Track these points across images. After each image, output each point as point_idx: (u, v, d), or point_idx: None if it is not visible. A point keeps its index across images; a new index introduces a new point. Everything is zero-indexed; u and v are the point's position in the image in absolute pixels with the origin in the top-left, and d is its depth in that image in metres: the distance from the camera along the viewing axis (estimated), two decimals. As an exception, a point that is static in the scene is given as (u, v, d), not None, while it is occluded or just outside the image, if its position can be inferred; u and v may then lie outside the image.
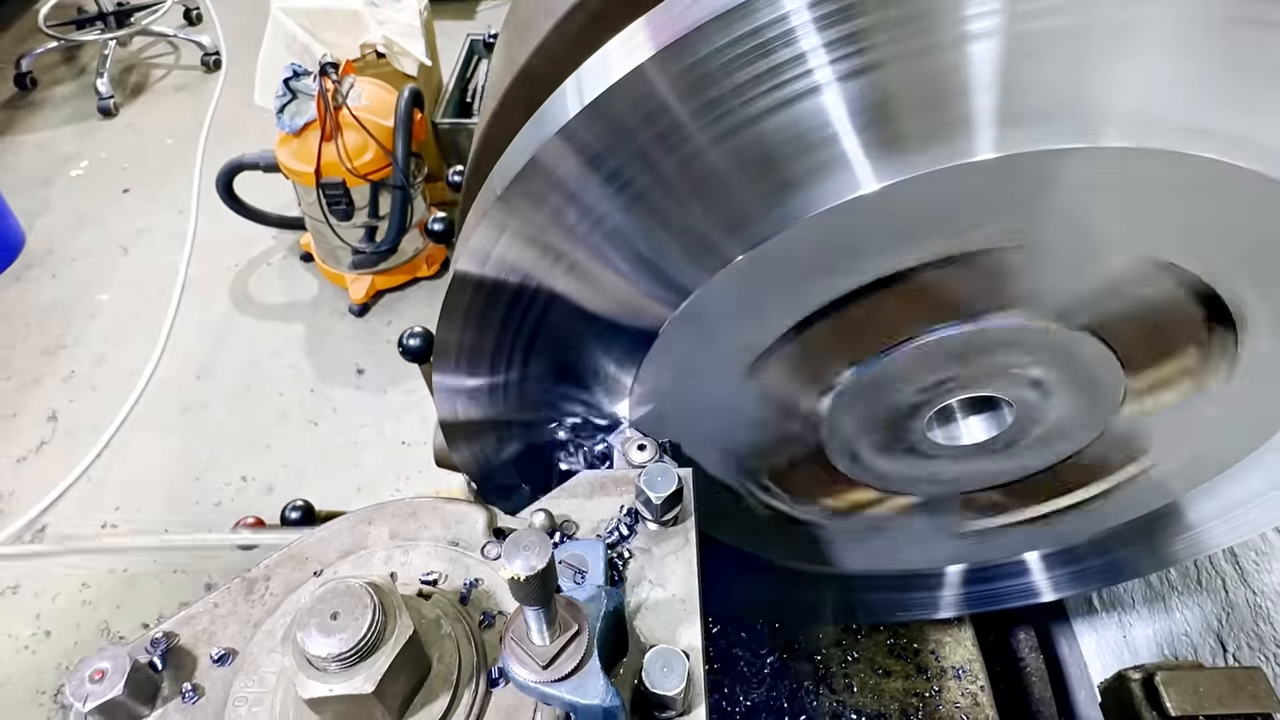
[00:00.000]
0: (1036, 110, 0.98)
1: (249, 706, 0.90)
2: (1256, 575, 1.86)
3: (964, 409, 1.48)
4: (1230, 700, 1.61)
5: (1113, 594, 2.35)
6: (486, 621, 0.96)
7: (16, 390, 3.81)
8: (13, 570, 3.22)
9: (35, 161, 4.94)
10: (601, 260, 1.12)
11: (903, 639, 2.25)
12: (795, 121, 0.98)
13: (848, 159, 1.01)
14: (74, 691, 0.85)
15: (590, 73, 1.00)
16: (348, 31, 3.91)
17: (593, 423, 1.37)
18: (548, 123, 1.02)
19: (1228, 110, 0.97)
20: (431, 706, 0.87)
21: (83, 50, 5.69)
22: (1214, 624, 1.99)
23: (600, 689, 0.82)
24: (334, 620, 0.80)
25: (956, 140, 0.99)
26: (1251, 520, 1.61)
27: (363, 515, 1.05)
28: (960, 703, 2.13)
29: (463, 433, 1.45)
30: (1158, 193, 1.05)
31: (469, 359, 1.28)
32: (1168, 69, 0.95)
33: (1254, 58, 0.93)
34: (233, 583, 1.00)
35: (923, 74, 0.95)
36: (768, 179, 1.03)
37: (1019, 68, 0.94)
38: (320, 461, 3.51)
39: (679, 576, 1.01)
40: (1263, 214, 1.06)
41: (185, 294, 4.18)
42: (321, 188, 3.52)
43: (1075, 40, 0.93)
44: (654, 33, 0.94)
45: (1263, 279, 1.16)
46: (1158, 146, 0.98)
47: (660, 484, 1.04)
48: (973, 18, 0.90)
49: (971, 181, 1.01)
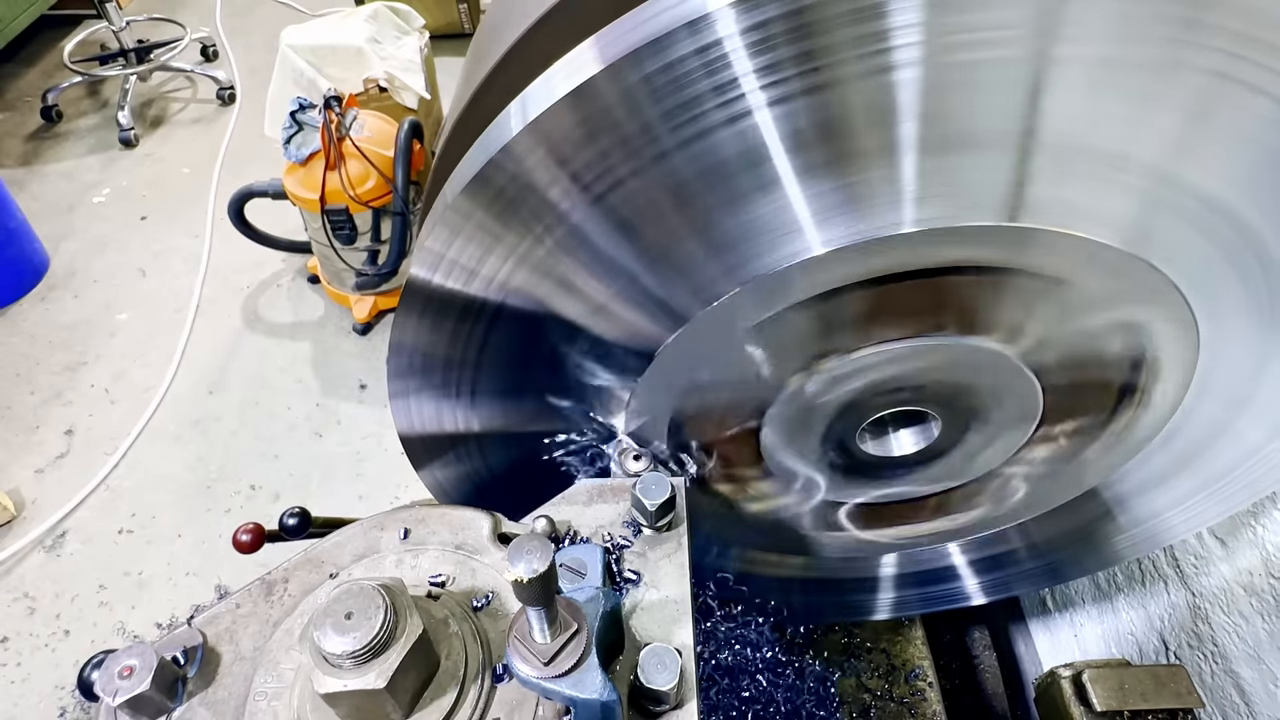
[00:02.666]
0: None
1: (268, 701, 0.90)
2: (1195, 578, 1.87)
3: (896, 422, 1.48)
4: (1154, 696, 1.62)
5: (1065, 595, 2.37)
6: (482, 604, 0.96)
7: (40, 404, 3.76)
8: (34, 572, 3.18)
9: (60, 189, 4.91)
10: (542, 272, 1.12)
11: (856, 638, 2.26)
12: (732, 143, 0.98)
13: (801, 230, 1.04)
14: (104, 687, 0.84)
15: (533, 94, 1.00)
16: (352, 67, 3.92)
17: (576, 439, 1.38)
18: (492, 141, 1.03)
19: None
20: (440, 701, 0.87)
21: (105, 85, 5.66)
22: (1157, 624, 2.00)
23: (598, 684, 0.82)
24: (348, 620, 0.80)
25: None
26: (1173, 527, 1.63)
27: (375, 521, 1.05)
28: (908, 699, 2.15)
29: (422, 447, 1.44)
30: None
31: (423, 364, 1.27)
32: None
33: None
34: (253, 584, 1.00)
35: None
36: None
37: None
38: (325, 471, 3.48)
39: (672, 579, 1.02)
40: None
41: (199, 314, 4.15)
42: (326, 214, 3.51)
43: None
44: (601, 51, 0.94)
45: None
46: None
47: (654, 492, 1.04)
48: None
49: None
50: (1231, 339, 1.21)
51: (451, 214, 1.08)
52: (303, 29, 4.00)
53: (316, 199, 3.45)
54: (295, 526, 1.36)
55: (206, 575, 3.15)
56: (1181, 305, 1.15)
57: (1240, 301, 1.15)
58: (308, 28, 4.02)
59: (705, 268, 1.11)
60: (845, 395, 1.31)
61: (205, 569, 3.17)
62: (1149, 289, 1.13)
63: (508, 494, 1.47)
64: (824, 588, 1.85)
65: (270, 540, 1.37)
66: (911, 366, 1.26)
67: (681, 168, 1.00)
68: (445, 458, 1.45)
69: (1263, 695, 1.69)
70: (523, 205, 1.06)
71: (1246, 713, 1.73)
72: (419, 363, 1.27)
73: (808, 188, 1.02)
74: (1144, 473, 1.50)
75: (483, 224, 1.08)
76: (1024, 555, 1.79)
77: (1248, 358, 1.23)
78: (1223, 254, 1.09)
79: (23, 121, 5.42)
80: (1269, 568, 1.66)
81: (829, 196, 1.03)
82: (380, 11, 4.11)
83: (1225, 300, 1.15)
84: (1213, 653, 1.82)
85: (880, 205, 1.04)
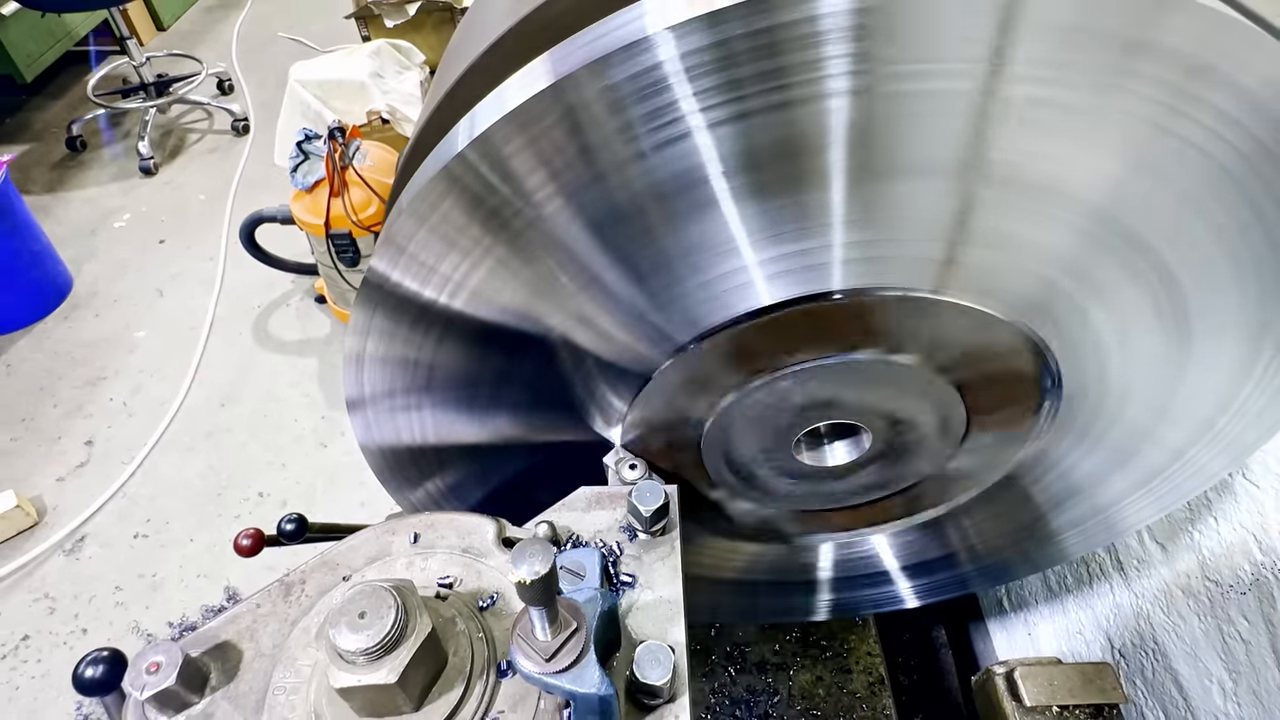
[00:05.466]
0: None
1: (287, 695, 0.89)
2: (1138, 579, 1.89)
3: (830, 434, 1.47)
4: (1080, 692, 1.64)
5: (1019, 596, 2.38)
6: (487, 604, 0.96)
7: (62, 416, 3.72)
8: (55, 574, 3.14)
9: (83, 214, 4.87)
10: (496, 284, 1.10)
11: (812, 635, 2.26)
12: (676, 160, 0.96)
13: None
14: (132, 682, 0.84)
15: (482, 110, 0.98)
16: (355, 100, 3.91)
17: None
18: (443, 154, 1.00)
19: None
20: (448, 695, 0.87)
21: (127, 116, 5.63)
22: (1103, 623, 2.01)
23: (596, 679, 0.82)
24: (362, 619, 0.80)
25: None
26: (1114, 525, 1.62)
27: (387, 527, 1.05)
28: (860, 693, 2.16)
29: (382, 461, 1.42)
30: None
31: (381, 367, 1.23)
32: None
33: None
34: (272, 586, 0.99)
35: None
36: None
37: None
38: (329, 479, 3.45)
39: (665, 580, 1.02)
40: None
41: (213, 331, 4.12)
42: (330, 238, 3.49)
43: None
44: (553, 65, 0.92)
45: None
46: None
47: (649, 499, 1.04)
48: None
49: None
50: (1143, 355, 1.22)
51: (396, 231, 1.04)
52: (310, 64, 4.00)
53: (321, 224, 3.44)
54: (293, 531, 1.36)
55: (216, 577, 3.12)
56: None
57: (1149, 320, 1.17)
58: (315, 63, 4.02)
59: (639, 296, 1.10)
60: (773, 412, 1.30)
61: (215, 571, 3.14)
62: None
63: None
64: (758, 590, 1.82)
65: (269, 544, 1.37)
66: (833, 383, 1.25)
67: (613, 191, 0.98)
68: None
69: (1199, 691, 1.70)
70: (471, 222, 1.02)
71: (1185, 707, 1.74)
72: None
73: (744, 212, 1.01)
74: (1082, 470, 1.49)
75: (427, 242, 1.04)
76: (964, 558, 1.76)
77: (1166, 368, 1.24)
78: (1129, 279, 1.11)
79: (49, 151, 5.38)
80: (1205, 571, 1.68)
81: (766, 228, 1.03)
82: (383, 48, 4.12)
83: (1134, 320, 1.17)
84: (1153, 650, 1.83)
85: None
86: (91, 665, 0.88)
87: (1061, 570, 2.16)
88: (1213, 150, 0.95)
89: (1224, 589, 1.63)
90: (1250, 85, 0.90)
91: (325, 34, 6.27)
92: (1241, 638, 1.59)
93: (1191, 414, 1.31)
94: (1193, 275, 1.10)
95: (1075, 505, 1.57)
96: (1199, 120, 0.92)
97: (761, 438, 1.35)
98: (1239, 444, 1.37)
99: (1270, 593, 1.52)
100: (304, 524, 1.37)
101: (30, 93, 5.87)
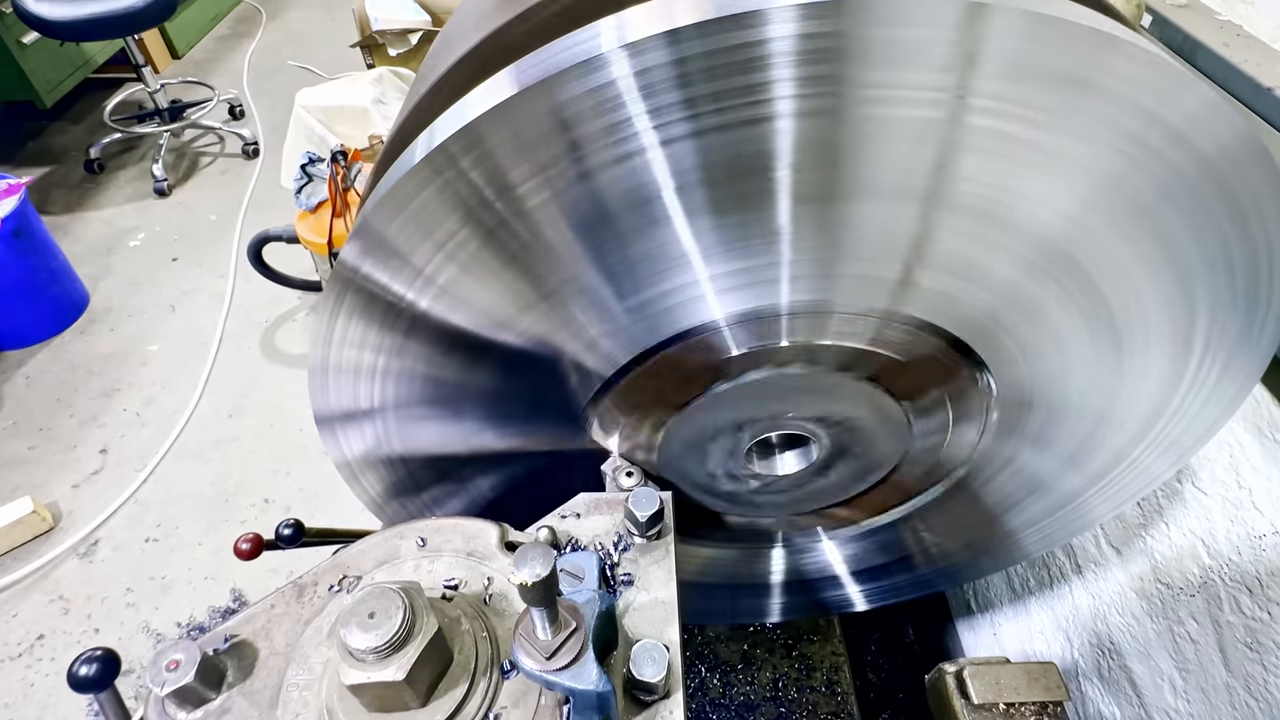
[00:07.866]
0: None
1: (300, 691, 0.89)
2: (1095, 582, 1.90)
3: (781, 444, 1.45)
4: (1026, 690, 1.64)
5: (985, 598, 2.39)
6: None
7: (78, 426, 3.68)
8: (69, 576, 3.10)
9: (99, 234, 4.83)
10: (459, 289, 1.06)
11: (777, 633, 2.26)
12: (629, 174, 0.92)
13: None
14: (152, 679, 0.83)
15: (441, 122, 0.94)
16: (358, 125, 3.89)
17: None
18: (403, 165, 0.97)
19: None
20: (453, 692, 0.87)
21: (142, 140, 5.59)
22: (1063, 624, 2.02)
23: (595, 676, 0.82)
24: (371, 619, 0.80)
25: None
26: (1069, 524, 1.61)
27: (395, 531, 1.05)
28: (822, 689, 2.16)
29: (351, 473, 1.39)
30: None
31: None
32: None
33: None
34: (286, 587, 0.99)
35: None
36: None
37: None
38: (331, 487, 3.43)
39: (661, 582, 1.02)
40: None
41: (222, 345, 4.09)
42: (333, 257, 3.48)
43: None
44: (518, 77, 0.89)
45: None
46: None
47: (645, 505, 1.05)
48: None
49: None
50: (1078, 367, 1.23)
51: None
52: (315, 91, 3.98)
53: (324, 243, 3.43)
54: (290, 536, 1.36)
55: (223, 579, 3.09)
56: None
57: (1082, 336, 1.18)
58: (320, 90, 4.00)
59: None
60: (718, 424, 1.29)
61: (222, 574, 3.11)
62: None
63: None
64: (712, 592, 1.79)
65: (268, 548, 1.36)
66: (776, 395, 1.24)
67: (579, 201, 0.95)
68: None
69: (1151, 688, 1.72)
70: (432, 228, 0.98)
71: (1138, 704, 1.76)
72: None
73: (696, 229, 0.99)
74: (1034, 470, 1.48)
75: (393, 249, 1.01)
76: (920, 560, 1.74)
77: (1103, 377, 1.25)
78: (1062, 300, 1.12)
79: (68, 173, 5.34)
80: (1157, 575, 1.70)
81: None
82: (385, 75, 4.11)
83: (1068, 335, 1.18)
84: (1110, 649, 1.84)
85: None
86: (85, 664, 0.88)
87: (1024, 573, 2.18)
88: (1140, 182, 0.97)
89: (1174, 591, 1.65)
90: (1173, 120, 0.91)
91: (332, 62, 6.26)
92: (1191, 638, 1.61)
93: (1132, 417, 1.33)
94: (1121, 296, 1.11)
95: (1033, 503, 1.57)
96: (1130, 154, 0.94)
97: (714, 454, 1.34)
98: (1179, 446, 1.38)
99: (1217, 595, 1.53)
100: (301, 529, 1.38)
101: (51, 118, 5.82)
